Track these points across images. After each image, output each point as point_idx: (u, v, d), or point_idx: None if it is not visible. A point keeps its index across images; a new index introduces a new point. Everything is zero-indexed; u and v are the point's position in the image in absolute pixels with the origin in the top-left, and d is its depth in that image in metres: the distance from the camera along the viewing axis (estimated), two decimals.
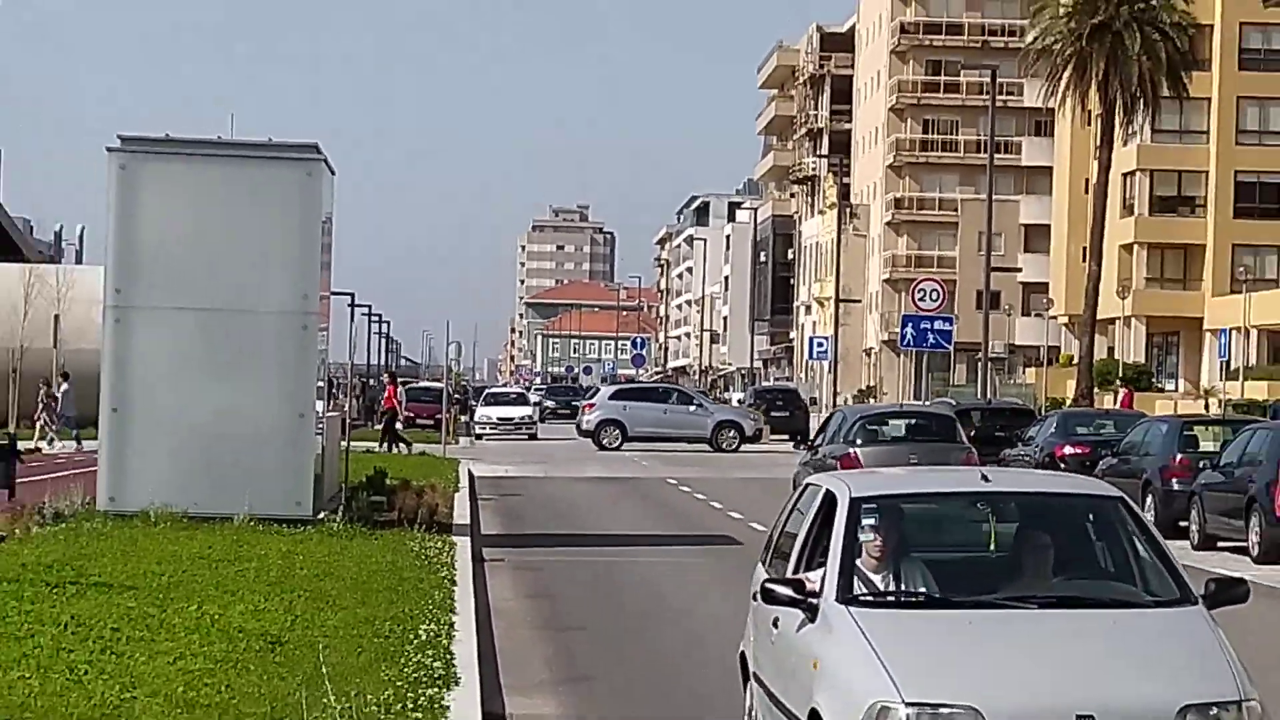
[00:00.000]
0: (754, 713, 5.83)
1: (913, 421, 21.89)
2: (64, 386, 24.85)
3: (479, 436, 43.25)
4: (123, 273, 13.43)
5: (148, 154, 13.32)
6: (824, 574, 4.80)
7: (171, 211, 13.55)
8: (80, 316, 27.54)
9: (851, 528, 4.88)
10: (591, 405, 39.36)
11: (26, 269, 31.43)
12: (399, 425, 33.04)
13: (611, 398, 39.32)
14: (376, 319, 36.44)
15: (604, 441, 36.20)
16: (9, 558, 11.62)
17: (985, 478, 5.59)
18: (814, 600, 4.67)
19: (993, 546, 5.19)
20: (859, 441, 19.20)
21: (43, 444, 25.04)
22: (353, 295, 17.95)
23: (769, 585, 4.93)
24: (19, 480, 15.38)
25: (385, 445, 29.98)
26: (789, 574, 5.28)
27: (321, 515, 13.98)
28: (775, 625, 5.25)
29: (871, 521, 4.96)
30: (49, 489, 15.63)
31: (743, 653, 6.29)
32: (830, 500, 5.34)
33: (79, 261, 46.14)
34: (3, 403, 29.55)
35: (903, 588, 4.93)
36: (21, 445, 17.62)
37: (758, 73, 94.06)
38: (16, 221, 36.63)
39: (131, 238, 13.35)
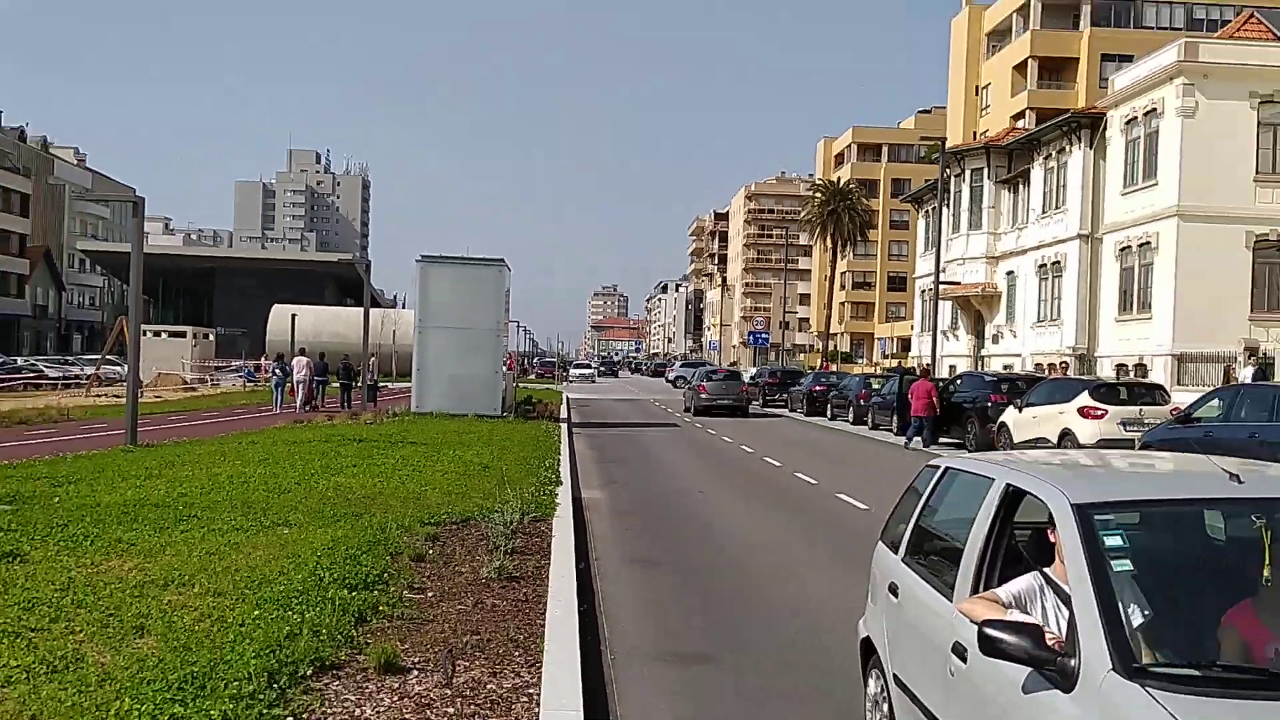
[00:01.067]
0: (889, 715, 4.64)
1: (726, 374, 44.26)
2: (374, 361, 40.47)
3: (570, 381, 75.79)
4: (423, 312, 28.52)
5: (432, 262, 28.76)
6: (1067, 623, 3.30)
7: (442, 285, 28.49)
8: (403, 332, 49.54)
9: (1097, 554, 3.32)
10: (674, 370, 77.52)
11: (382, 311, 58.71)
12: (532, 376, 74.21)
13: (682, 366, 75.03)
14: (526, 329, 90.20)
15: (675, 382, 67.53)
16: (372, 430, 22.53)
17: (1236, 477, 3.63)
18: (1068, 663, 3.11)
19: (1266, 575, 3.28)
20: (705, 380, 40.05)
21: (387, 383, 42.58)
22: (518, 321, 36.11)
23: (993, 633, 3.16)
24: (381, 397, 31.06)
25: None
26: (962, 584, 3.95)
27: (505, 414, 28.17)
28: (961, 657, 3.73)
29: (1118, 542, 3.42)
30: (390, 403, 31.29)
31: (867, 639, 5.20)
32: (1014, 498, 3.98)
33: (403, 308, 77.44)
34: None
35: (1191, 648, 3.15)
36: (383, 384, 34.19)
37: (687, 229, 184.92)
38: (382, 292, 78.53)
39: (426, 298, 28.61)
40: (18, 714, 4.85)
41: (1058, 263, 39.57)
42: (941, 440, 26.04)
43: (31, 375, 47.58)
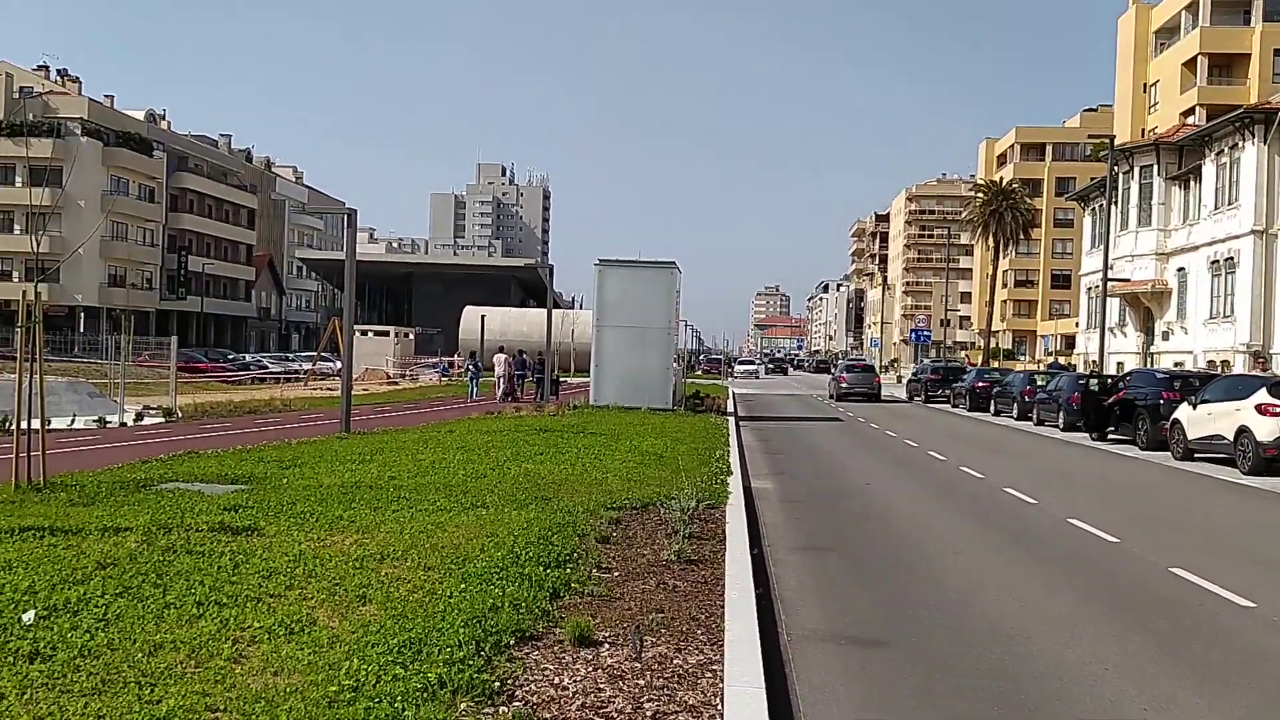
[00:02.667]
0: None
1: (862, 367, 48.88)
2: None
3: (734, 377, 75.83)
4: (600, 312, 29.09)
5: (609, 265, 29.19)
6: None
7: (617, 286, 28.94)
8: (581, 330, 51.41)
9: None
10: (836, 366, 70.21)
11: (561, 312, 58.01)
12: (699, 372, 74.14)
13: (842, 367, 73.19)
14: (693, 328, 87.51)
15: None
16: (555, 421, 22.54)
17: None
18: None
19: None
20: (845, 372, 45.71)
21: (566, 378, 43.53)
22: (686, 321, 35.83)
23: None
24: (562, 390, 31.92)
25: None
26: None
27: (676, 408, 28.57)
28: None
29: None
30: (570, 396, 32.06)
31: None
32: None
33: (580, 308, 79.12)
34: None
35: None
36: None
37: (848, 230, 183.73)
38: (560, 294, 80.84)
39: (603, 298, 29.10)
40: (263, 669, 5.17)
41: (1230, 259, 37.13)
42: (1110, 437, 24.81)
43: (257, 370, 50.64)
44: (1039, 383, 32.10)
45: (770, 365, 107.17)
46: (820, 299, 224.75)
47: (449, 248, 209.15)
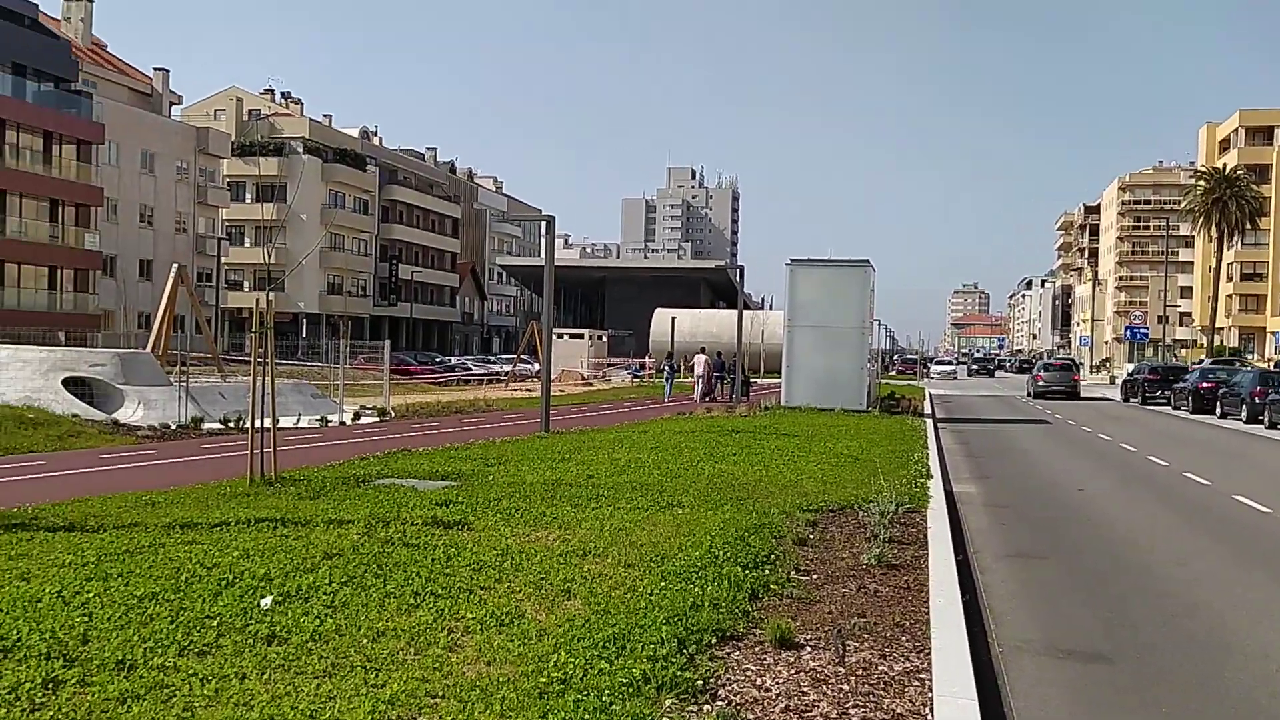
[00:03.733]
0: None
1: (1060, 365, 48.34)
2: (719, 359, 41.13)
3: (931, 377, 74.11)
4: (792, 312, 28.85)
5: (800, 265, 28.93)
6: None
7: (809, 286, 28.66)
8: (771, 331, 51.55)
9: None
10: (1034, 366, 65.67)
11: (751, 312, 57.07)
12: (893, 373, 72.24)
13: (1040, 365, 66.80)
14: (887, 327, 76.50)
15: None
16: (747, 422, 22.46)
17: None
18: None
19: None
20: (1042, 370, 46.32)
21: (756, 379, 43.85)
22: (880, 320, 34.25)
23: None
24: (753, 391, 31.96)
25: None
26: None
27: (870, 409, 27.94)
28: None
29: None
30: (761, 398, 32.06)
31: None
32: None
33: (769, 309, 79.59)
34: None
35: None
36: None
37: (1053, 224, 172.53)
38: (749, 295, 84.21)
39: (795, 298, 28.88)
40: (476, 659, 5.37)
41: None
42: None
43: (462, 372, 52.87)
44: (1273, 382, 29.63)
45: (974, 366, 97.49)
46: (1023, 296, 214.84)
47: (640, 251, 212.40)
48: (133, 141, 59.85)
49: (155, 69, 67.14)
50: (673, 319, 58.59)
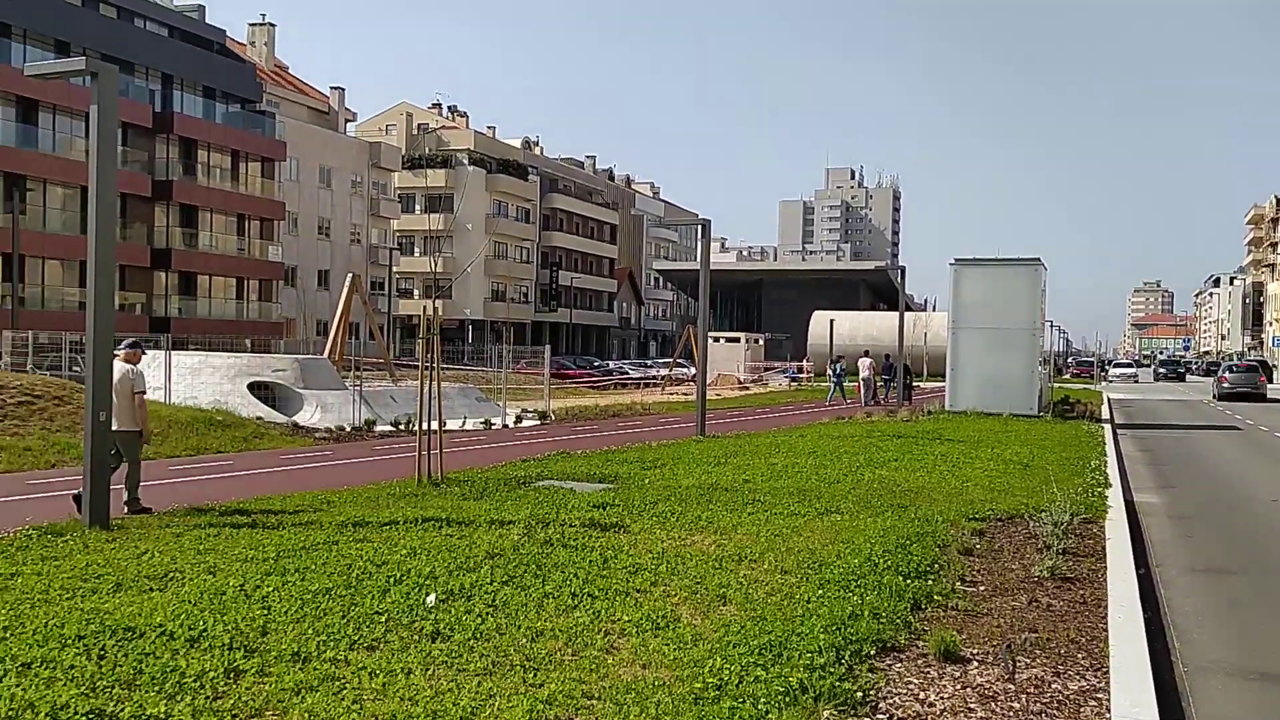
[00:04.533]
0: None
1: (1246, 366, 46.03)
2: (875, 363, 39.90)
3: (1109, 380, 72.22)
4: (956, 314, 27.90)
5: (966, 265, 28.00)
6: None
7: (975, 286, 27.65)
8: (934, 334, 51.20)
9: None
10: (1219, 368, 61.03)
11: (913, 314, 56.16)
12: (1067, 376, 72.93)
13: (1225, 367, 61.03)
14: (1060, 329, 76.22)
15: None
16: (909, 427, 22.06)
17: None
18: None
19: None
20: (1227, 372, 44.13)
21: (919, 383, 42.56)
22: (1052, 321, 32.76)
23: None
24: (915, 395, 31.12)
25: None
26: None
27: (1041, 414, 26.49)
28: None
29: None
30: (923, 402, 31.27)
31: None
32: None
33: (933, 310, 76.51)
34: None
35: None
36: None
37: (1243, 218, 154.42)
38: (911, 296, 76.54)
39: (959, 299, 27.98)
40: (632, 661, 5.38)
41: None
42: None
43: (620, 376, 53.48)
44: None
45: (1161, 369, 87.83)
46: (1209, 295, 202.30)
47: (797, 253, 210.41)
48: (311, 157, 63.14)
49: (332, 88, 70.67)
50: (831, 321, 57.75)
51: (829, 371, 39.72)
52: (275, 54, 68.52)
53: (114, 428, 9.95)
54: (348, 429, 21.62)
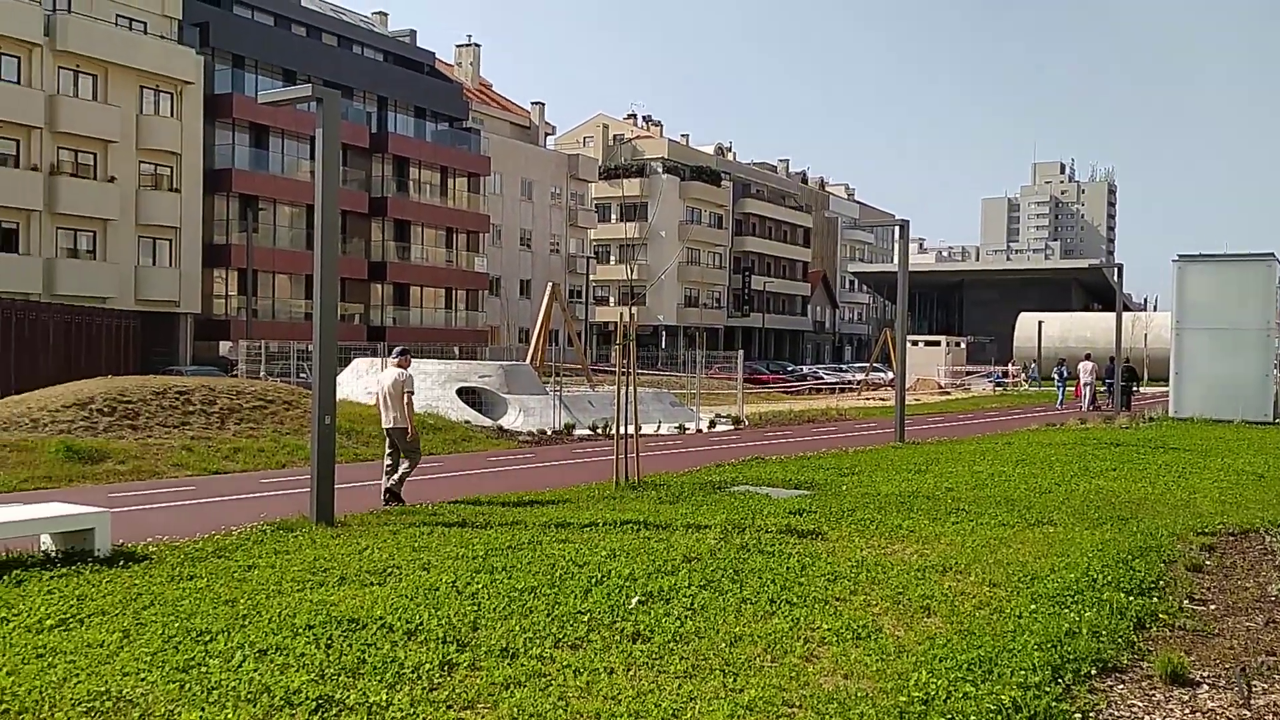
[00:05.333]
0: None
1: None
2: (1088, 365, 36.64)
3: None
4: (1181, 314, 25.97)
5: (1190, 261, 26.05)
6: None
7: (1201, 285, 25.53)
8: (1155, 335, 49.64)
9: None
10: None
11: (1132, 315, 55.32)
12: None
13: None
14: None
15: None
16: (1128, 434, 20.68)
17: None
18: None
19: None
20: None
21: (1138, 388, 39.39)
22: None
23: None
24: (1134, 400, 29.28)
25: None
26: None
27: (1277, 420, 24.44)
28: None
29: None
30: (1143, 408, 29.49)
31: None
32: None
33: (1155, 310, 72.60)
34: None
35: None
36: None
37: None
38: (1129, 296, 72.73)
39: (1183, 298, 25.93)
40: (833, 671, 5.29)
41: None
42: None
43: (814, 381, 52.85)
44: None
45: None
46: None
47: (1001, 253, 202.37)
48: (514, 171, 65.52)
49: (532, 103, 73.11)
50: (1039, 323, 55.17)
51: (1054, 375, 38.68)
52: (480, 73, 71.50)
53: (391, 426, 11.52)
54: (548, 432, 22.28)
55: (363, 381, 25.10)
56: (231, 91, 45.52)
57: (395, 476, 11.48)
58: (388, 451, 11.68)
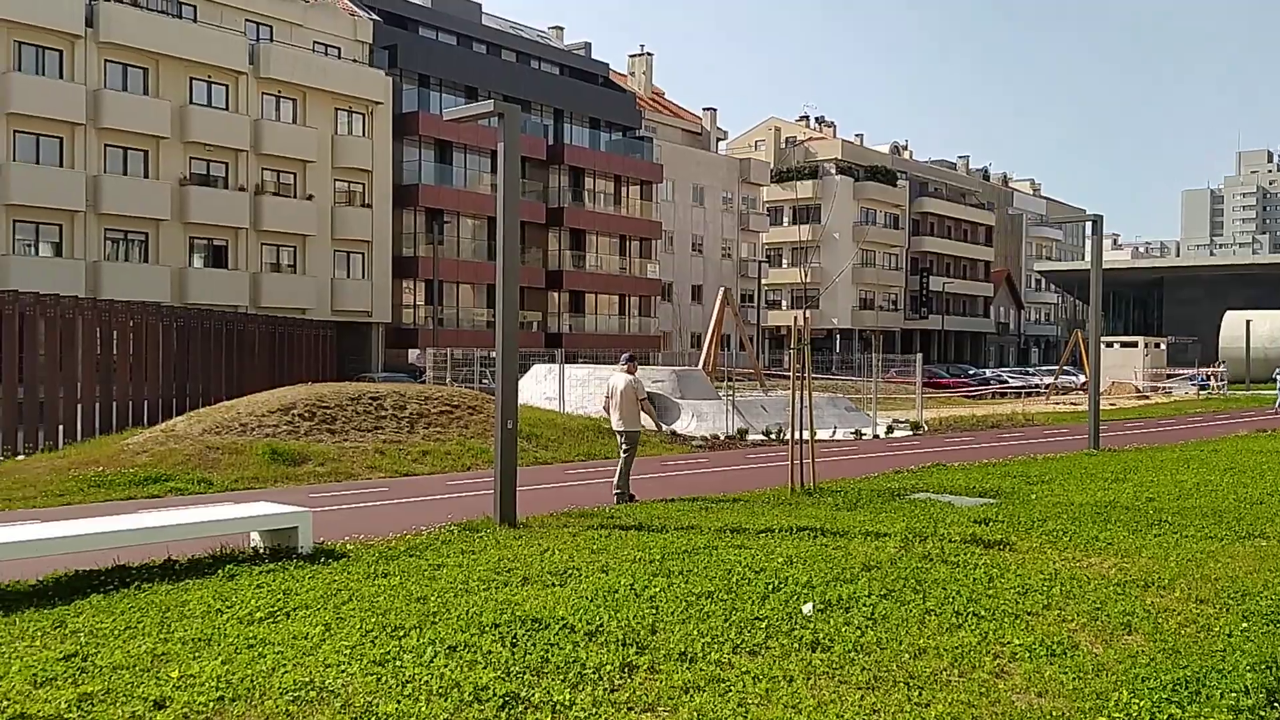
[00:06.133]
0: None
1: None
2: None
3: None
4: None
5: None
6: None
7: None
8: None
9: None
10: None
11: None
12: None
13: None
14: None
15: None
16: None
17: None
18: None
19: None
20: None
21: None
22: None
23: None
24: None
25: None
26: None
27: None
28: None
29: None
30: None
31: None
32: None
33: None
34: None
35: None
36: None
37: None
38: None
39: None
40: (1025, 688, 5.07)
41: None
42: None
43: (997, 385, 50.88)
44: None
45: None
46: None
47: (1204, 247, 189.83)
48: (685, 177, 65.96)
49: (704, 109, 73.43)
50: (1248, 322, 51.39)
51: (1275, 378, 36.32)
52: (653, 82, 72.34)
53: (622, 429, 12.56)
54: (721, 437, 22.28)
55: (541, 387, 25.78)
56: (417, 110, 47.63)
57: (619, 474, 12.39)
58: (621, 452, 12.60)
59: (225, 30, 40.44)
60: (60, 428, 19.59)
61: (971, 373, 57.66)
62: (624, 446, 12.61)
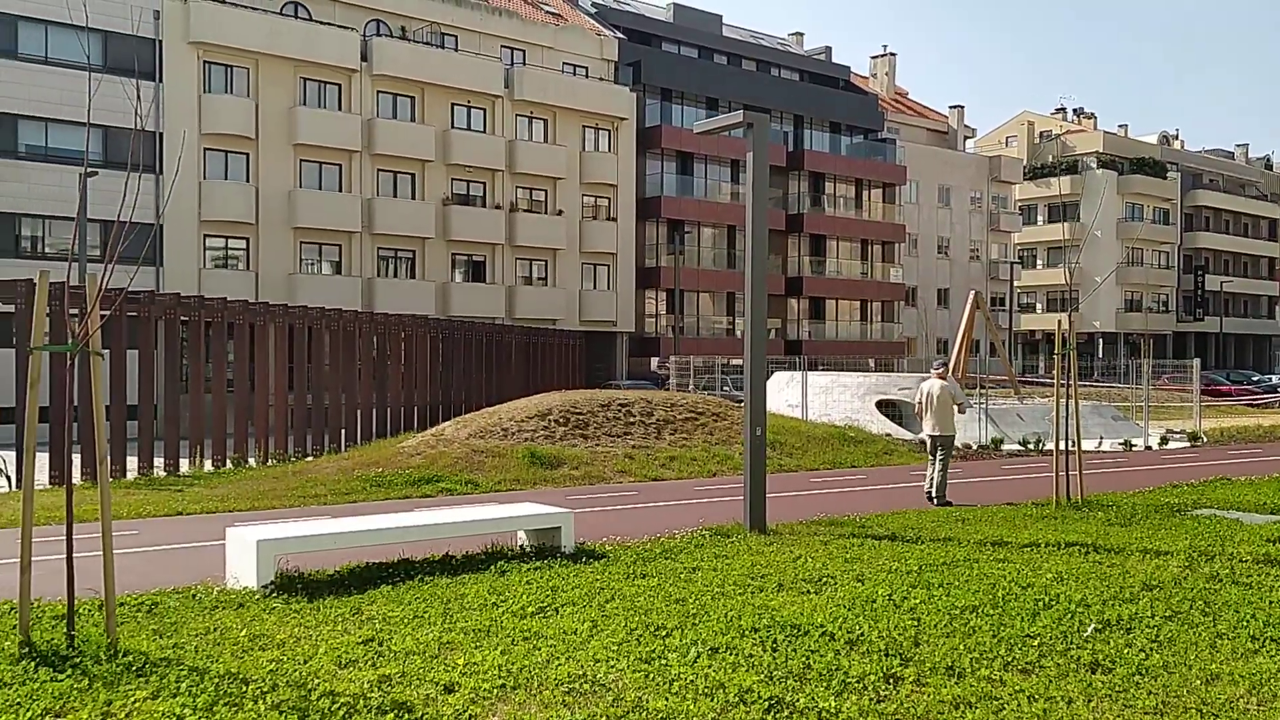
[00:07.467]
0: None
1: None
2: None
3: None
4: None
5: None
6: None
7: None
8: None
9: None
10: None
11: None
12: None
13: None
14: None
15: None
16: None
17: None
18: None
19: None
20: None
21: None
22: None
23: None
24: None
25: None
26: None
27: None
28: None
29: None
30: None
31: None
32: None
33: None
34: None
35: None
36: None
37: None
38: None
39: None
40: None
41: None
42: None
43: None
44: None
45: None
46: None
47: None
48: (930, 178, 63.97)
49: (950, 107, 70.98)
50: None
51: None
52: (896, 82, 70.68)
53: (937, 433, 12.83)
54: (974, 447, 21.44)
55: (783, 394, 25.70)
56: (660, 123, 48.70)
57: (936, 480, 12.57)
58: (933, 457, 12.80)
59: (483, 57, 42.85)
60: (343, 431, 21.39)
61: (1256, 379, 52.67)
62: (940, 451, 12.73)
